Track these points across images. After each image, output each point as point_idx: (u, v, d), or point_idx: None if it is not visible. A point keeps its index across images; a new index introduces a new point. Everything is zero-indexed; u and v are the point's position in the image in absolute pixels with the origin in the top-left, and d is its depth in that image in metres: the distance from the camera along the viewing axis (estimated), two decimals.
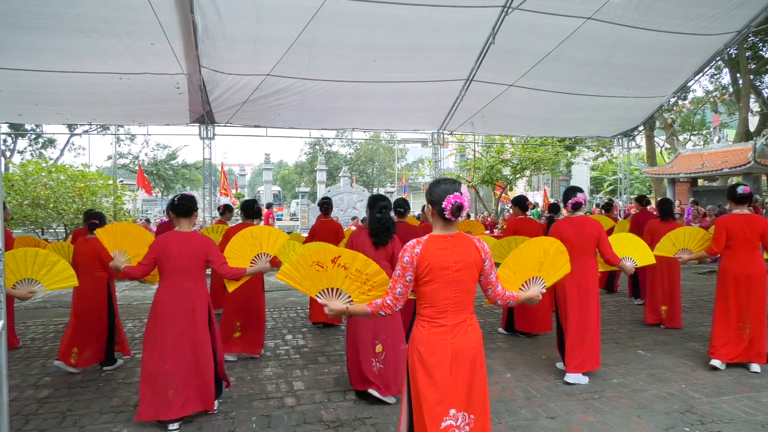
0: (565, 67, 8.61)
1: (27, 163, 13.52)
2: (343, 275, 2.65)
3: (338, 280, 2.66)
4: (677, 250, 5.21)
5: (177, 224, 3.77)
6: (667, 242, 5.25)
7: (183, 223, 3.76)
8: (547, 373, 4.66)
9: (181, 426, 3.62)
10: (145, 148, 36.71)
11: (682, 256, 5.16)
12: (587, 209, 21.73)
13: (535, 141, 19.36)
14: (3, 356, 2.16)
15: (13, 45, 6.57)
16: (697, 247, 5.10)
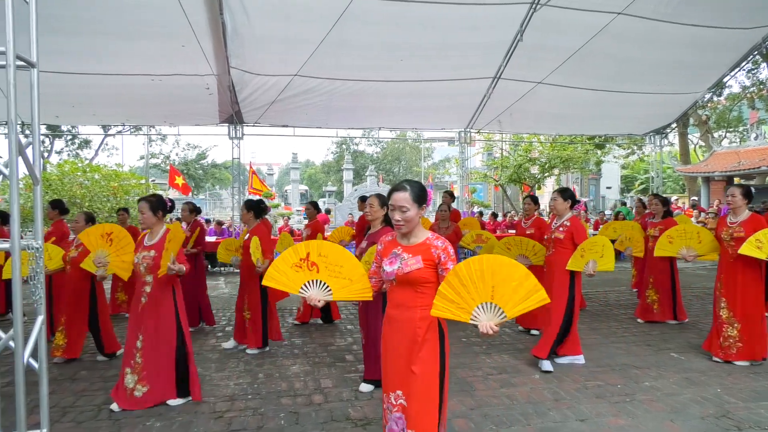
0: (594, 63, 8.46)
1: (64, 163, 13.94)
2: (317, 269, 2.74)
3: (313, 274, 2.73)
4: (678, 248, 5.12)
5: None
6: (664, 241, 5.19)
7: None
8: (577, 374, 4.59)
9: (211, 421, 3.69)
10: (176, 148, 37.35)
11: (686, 256, 5.10)
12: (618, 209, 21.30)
13: (564, 139, 19.07)
14: (43, 350, 2.24)
15: (51, 49, 6.78)
16: (706, 247, 5.06)
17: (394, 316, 2.57)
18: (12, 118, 2.05)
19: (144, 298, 3.91)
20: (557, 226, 4.78)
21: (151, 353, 3.90)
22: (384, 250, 2.65)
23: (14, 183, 2.06)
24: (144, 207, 3.97)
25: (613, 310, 7.29)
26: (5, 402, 2.30)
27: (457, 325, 6.40)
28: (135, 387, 3.85)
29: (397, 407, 2.52)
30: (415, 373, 2.46)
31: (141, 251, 3.96)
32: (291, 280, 2.70)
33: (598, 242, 4.69)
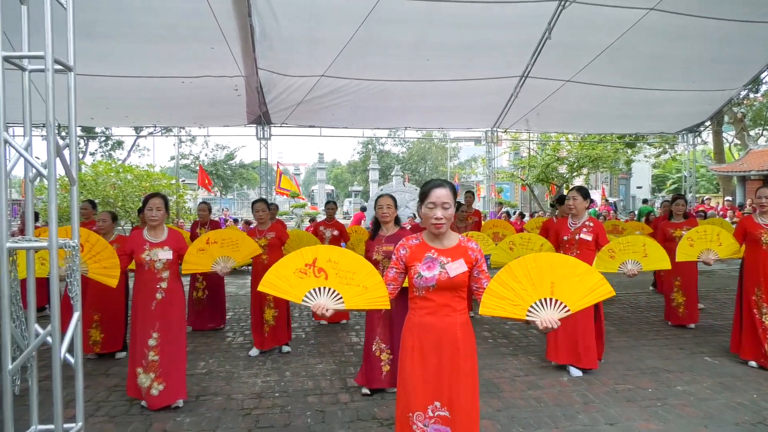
0: (625, 60, 8.30)
1: (98, 163, 14.32)
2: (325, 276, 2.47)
3: (320, 280, 2.46)
4: (698, 252, 4.96)
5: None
6: (684, 244, 5.03)
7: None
8: (606, 377, 4.52)
9: (239, 418, 3.75)
10: (205, 149, 38.00)
11: (707, 260, 4.92)
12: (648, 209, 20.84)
13: (593, 138, 18.74)
14: (78, 346, 2.30)
15: (87, 53, 6.96)
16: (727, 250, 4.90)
17: (432, 324, 2.40)
18: (50, 121, 2.12)
19: (160, 294, 3.90)
20: (578, 226, 4.62)
21: (168, 350, 3.90)
22: (412, 254, 2.45)
23: (52, 183, 2.13)
24: (160, 203, 3.97)
25: (643, 312, 7.15)
26: (42, 395, 2.37)
27: (483, 326, 6.36)
28: (151, 385, 3.85)
29: (435, 419, 2.37)
30: (461, 381, 2.38)
31: (151, 249, 3.92)
32: (294, 287, 2.42)
33: (633, 242, 4.59)
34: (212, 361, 5.10)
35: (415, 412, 2.38)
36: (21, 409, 2.31)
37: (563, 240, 4.71)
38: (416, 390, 2.40)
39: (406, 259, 2.46)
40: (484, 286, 2.42)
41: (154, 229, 3.99)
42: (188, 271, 4.11)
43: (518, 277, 2.31)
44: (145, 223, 4.04)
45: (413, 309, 2.47)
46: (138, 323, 3.93)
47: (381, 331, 4.13)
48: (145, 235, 3.99)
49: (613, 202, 24.47)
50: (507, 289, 2.31)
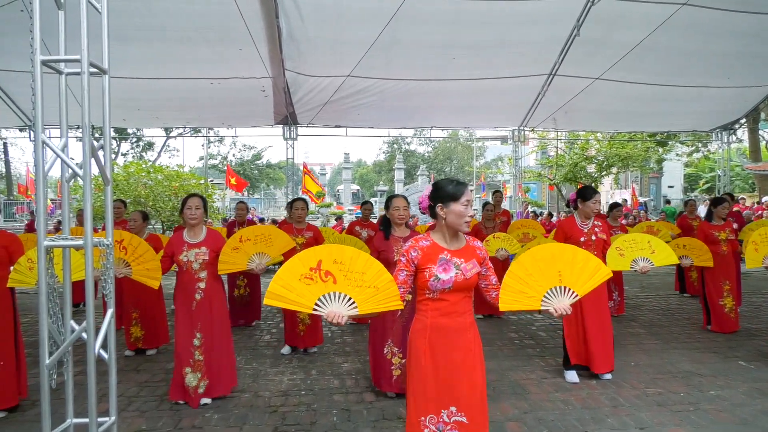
0: (656, 57, 8.12)
1: (129, 164, 14.65)
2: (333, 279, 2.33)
3: (329, 285, 2.31)
4: (763, 256, 4.75)
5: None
6: (751, 250, 4.81)
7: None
8: (636, 380, 4.43)
9: (266, 416, 3.79)
10: (233, 149, 38.59)
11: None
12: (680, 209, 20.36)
13: (622, 136, 18.37)
14: (112, 342, 2.36)
15: (120, 56, 7.15)
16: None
17: (446, 326, 2.37)
18: (86, 122, 2.18)
19: (199, 294, 3.96)
20: (591, 226, 4.47)
21: (213, 348, 3.99)
22: (425, 256, 2.38)
23: (87, 184, 2.19)
24: (199, 203, 4.05)
25: (674, 315, 6.98)
26: (77, 390, 2.44)
27: (510, 327, 6.30)
28: (199, 384, 3.94)
29: (451, 425, 2.34)
30: (476, 382, 2.38)
31: (189, 249, 3.97)
32: (301, 296, 2.24)
33: (638, 239, 4.50)
34: (240, 359, 5.16)
35: (428, 415, 2.36)
36: (56, 402, 2.39)
37: (580, 242, 4.45)
38: (428, 393, 2.37)
39: (418, 262, 2.39)
40: (493, 282, 2.49)
41: (192, 229, 4.05)
42: (225, 271, 4.09)
43: (529, 270, 2.41)
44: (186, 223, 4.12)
45: (423, 311, 2.42)
46: (180, 324, 4.00)
47: (394, 334, 4.04)
48: (184, 236, 4.05)
49: (643, 202, 23.97)
50: (521, 282, 2.40)
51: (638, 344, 5.52)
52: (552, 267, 2.42)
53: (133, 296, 5.34)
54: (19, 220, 24.08)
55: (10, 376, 3.83)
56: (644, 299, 8.09)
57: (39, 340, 2.24)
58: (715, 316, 6.02)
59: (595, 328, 4.36)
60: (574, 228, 4.48)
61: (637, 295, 8.35)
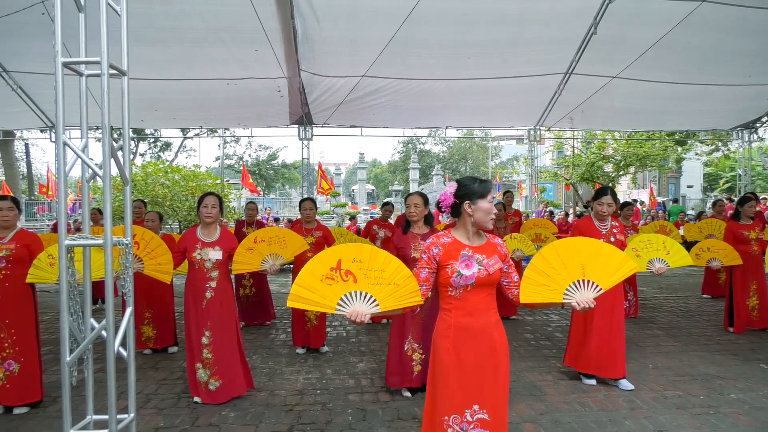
0: (675, 55, 7.99)
1: (147, 164, 14.83)
2: (353, 278, 2.34)
3: (350, 284, 2.32)
4: None
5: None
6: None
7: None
8: (654, 383, 4.37)
9: (282, 414, 3.82)
10: (249, 149, 38.86)
11: None
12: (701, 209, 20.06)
13: (640, 135, 18.13)
14: (131, 340, 2.40)
15: (138, 58, 7.20)
16: None
17: (469, 324, 2.36)
18: (106, 123, 2.21)
19: (209, 293, 4.00)
20: (609, 228, 4.39)
21: (221, 347, 4.02)
22: (446, 253, 2.38)
23: (107, 183, 2.22)
24: (215, 201, 4.09)
25: (693, 316, 6.88)
26: (96, 387, 2.48)
27: (525, 327, 6.27)
28: (209, 381, 3.99)
29: (474, 424, 2.34)
30: (498, 381, 2.38)
31: (202, 248, 4.02)
32: (324, 297, 2.27)
33: (653, 240, 4.44)
34: (255, 357, 5.20)
35: (451, 415, 2.35)
36: (77, 399, 2.42)
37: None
38: (452, 393, 2.36)
39: (439, 258, 2.39)
40: (515, 280, 2.47)
41: (207, 227, 4.09)
42: (238, 271, 4.15)
43: (551, 263, 2.40)
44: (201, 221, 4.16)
45: (448, 310, 2.42)
46: (191, 322, 4.05)
47: (414, 330, 4.11)
48: (198, 233, 4.09)
49: (662, 202, 23.66)
50: (542, 275, 2.38)
51: (657, 346, 5.46)
52: (575, 260, 2.39)
53: (146, 296, 5.39)
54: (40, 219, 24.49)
55: (33, 371, 3.91)
56: (663, 300, 7.98)
57: (60, 337, 2.28)
58: (738, 318, 5.93)
59: (605, 332, 4.25)
60: (592, 229, 4.39)
61: (656, 297, 8.24)
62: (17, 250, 3.86)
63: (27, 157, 31.22)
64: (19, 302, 3.89)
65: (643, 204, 20.73)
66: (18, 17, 6.17)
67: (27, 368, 3.88)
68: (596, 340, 4.26)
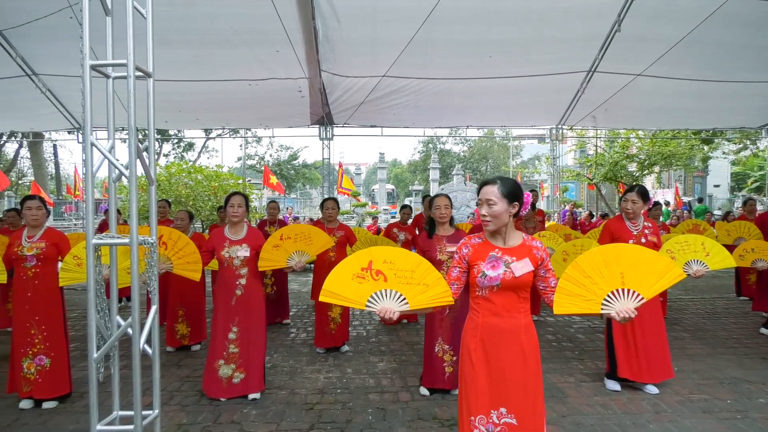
0: (701, 52, 7.83)
1: (171, 165, 15.06)
2: (384, 278, 2.42)
3: (380, 283, 2.41)
4: None
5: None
6: None
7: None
8: (679, 386, 4.29)
9: (303, 413, 3.84)
10: (270, 150, 39.20)
11: None
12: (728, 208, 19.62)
13: (665, 134, 17.81)
14: (156, 338, 2.44)
15: (162, 60, 7.28)
16: None
17: (496, 325, 2.36)
18: (132, 124, 2.25)
19: (239, 290, 4.08)
20: (641, 229, 4.27)
21: (248, 342, 4.09)
22: (475, 253, 2.42)
23: (133, 183, 2.27)
24: (241, 201, 4.16)
25: (720, 318, 6.74)
26: (121, 383, 2.53)
27: (547, 329, 6.20)
28: (233, 375, 4.05)
29: (501, 427, 2.33)
30: (527, 386, 2.35)
31: (230, 246, 4.09)
32: (355, 294, 2.37)
33: (691, 241, 4.31)
34: (276, 356, 5.25)
35: (477, 415, 2.36)
36: (102, 395, 2.48)
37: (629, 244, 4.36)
38: (478, 393, 2.37)
39: (469, 258, 2.43)
40: (552, 285, 2.39)
41: (234, 226, 4.17)
42: (264, 268, 4.20)
43: (587, 272, 2.30)
44: (224, 221, 4.22)
45: (476, 310, 2.44)
46: (219, 318, 4.11)
47: (443, 331, 4.10)
48: (225, 232, 4.17)
49: (687, 202, 23.21)
50: (578, 285, 2.30)
51: (682, 349, 5.35)
52: (613, 269, 2.30)
53: (179, 294, 5.50)
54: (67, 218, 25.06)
55: (62, 366, 4.02)
56: (688, 302, 7.83)
57: (87, 334, 2.33)
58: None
59: (652, 335, 4.16)
60: (622, 229, 4.28)
61: (681, 298, 8.09)
62: (46, 248, 3.98)
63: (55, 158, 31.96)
64: (49, 299, 4.01)
65: (668, 204, 20.34)
66: (46, 21, 6.33)
67: (57, 363, 4.00)
68: (648, 345, 4.15)
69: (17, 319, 4.00)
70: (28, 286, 3.96)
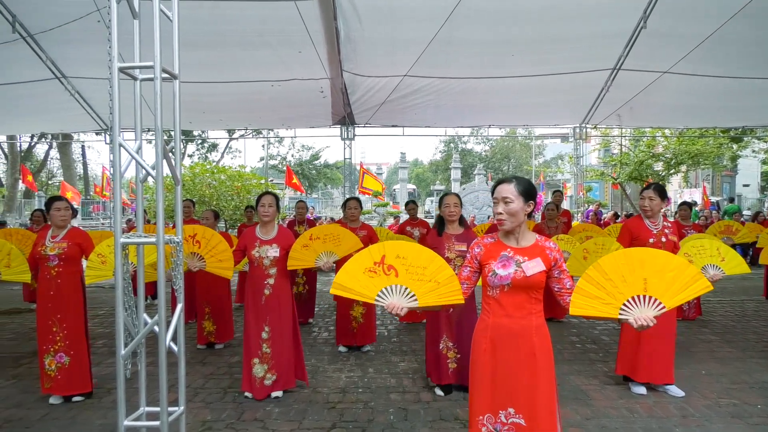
0: (730, 48, 7.63)
1: (195, 165, 15.29)
2: (395, 273, 2.41)
3: (391, 278, 2.40)
4: None
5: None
6: None
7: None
8: (707, 390, 4.20)
9: (325, 411, 3.86)
10: (292, 150, 39.50)
11: None
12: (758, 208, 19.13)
13: (692, 132, 17.42)
14: (181, 335, 2.47)
15: (187, 62, 7.38)
16: None
17: (506, 325, 2.35)
18: (158, 125, 2.29)
19: (268, 290, 4.11)
20: (660, 228, 4.17)
21: (279, 342, 4.12)
22: (487, 252, 2.41)
23: (160, 183, 2.30)
24: (272, 200, 4.20)
25: (750, 321, 6.57)
26: (147, 380, 2.58)
27: (571, 330, 6.13)
28: (265, 376, 4.09)
29: (509, 426, 2.32)
30: (537, 387, 2.32)
31: (261, 246, 4.13)
32: (365, 287, 2.38)
33: (707, 246, 4.22)
34: None
35: (485, 414, 2.36)
36: (129, 391, 2.53)
37: (649, 243, 4.12)
38: (486, 392, 2.37)
39: (480, 258, 2.43)
40: (567, 286, 2.37)
41: (265, 226, 4.21)
42: (293, 267, 4.22)
43: (609, 275, 2.24)
44: (251, 221, 4.26)
45: (487, 310, 2.42)
46: (250, 317, 4.16)
47: (448, 329, 4.15)
48: (257, 232, 4.22)
49: (716, 202, 22.68)
50: (597, 287, 2.24)
51: (710, 352, 5.24)
52: (637, 274, 2.22)
53: (205, 292, 5.59)
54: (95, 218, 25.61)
55: (82, 364, 4.11)
56: (716, 304, 7.66)
57: (115, 331, 2.38)
58: None
59: (660, 336, 4.05)
60: (641, 228, 4.20)
61: (709, 300, 7.91)
62: (69, 248, 4.07)
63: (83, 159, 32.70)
64: (70, 298, 4.09)
65: (696, 204, 19.92)
66: (75, 25, 6.48)
67: (77, 361, 4.07)
68: (654, 345, 4.07)
69: (40, 317, 4.10)
70: (51, 285, 4.06)
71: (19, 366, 5.01)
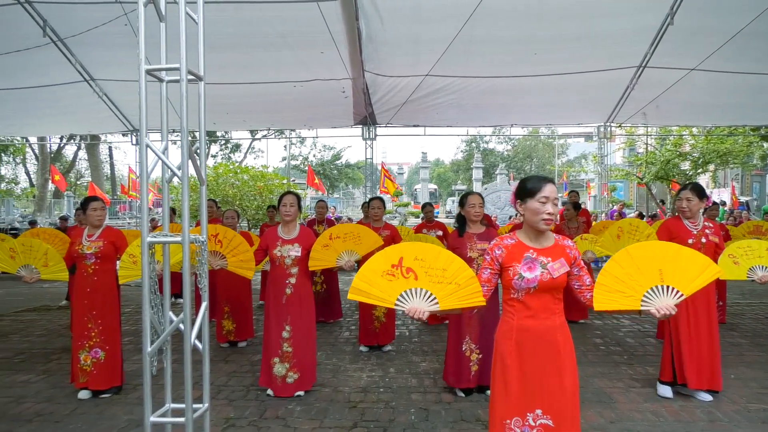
0: (759, 44, 7.44)
1: (218, 165, 15.49)
2: (414, 276, 2.35)
3: (410, 281, 2.34)
4: None
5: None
6: None
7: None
8: (736, 394, 4.10)
9: (346, 411, 3.88)
10: (313, 150, 39.75)
11: None
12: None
13: (721, 131, 17.01)
14: (206, 333, 2.51)
15: (211, 64, 7.51)
16: None
17: (532, 327, 2.32)
18: (184, 126, 2.33)
19: (289, 289, 4.14)
20: (701, 228, 4.09)
21: (300, 342, 4.15)
22: (509, 255, 2.35)
23: (185, 183, 2.34)
24: (294, 200, 4.23)
25: None
26: (173, 377, 2.62)
27: (594, 332, 6.05)
28: (287, 374, 4.12)
29: (537, 428, 2.29)
30: (564, 386, 2.30)
31: (282, 245, 4.16)
32: (384, 292, 2.31)
33: (755, 246, 4.09)
34: (320, 354, 5.30)
35: (513, 417, 2.32)
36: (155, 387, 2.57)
37: (688, 244, 3.98)
38: (513, 395, 2.33)
39: (502, 260, 2.37)
40: (587, 283, 2.37)
41: (287, 225, 4.24)
42: (315, 267, 4.24)
43: (626, 268, 2.29)
44: (273, 220, 4.30)
45: (510, 312, 2.38)
46: (271, 317, 4.19)
47: (471, 330, 4.12)
48: (279, 231, 4.25)
49: (745, 201, 22.13)
50: (617, 281, 2.27)
51: (739, 355, 5.12)
52: (652, 265, 2.27)
53: (225, 291, 5.66)
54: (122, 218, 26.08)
55: (116, 359, 4.22)
56: (745, 307, 7.48)
57: (142, 329, 2.42)
58: None
59: (707, 342, 3.99)
60: (681, 228, 4.10)
61: (737, 302, 7.73)
62: (104, 246, 4.18)
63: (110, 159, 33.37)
64: (106, 295, 4.21)
65: (724, 204, 19.47)
66: (103, 29, 6.62)
67: (111, 356, 4.19)
68: (702, 351, 3.99)
69: (76, 313, 4.23)
70: (87, 282, 4.18)
71: (50, 362, 5.14)
